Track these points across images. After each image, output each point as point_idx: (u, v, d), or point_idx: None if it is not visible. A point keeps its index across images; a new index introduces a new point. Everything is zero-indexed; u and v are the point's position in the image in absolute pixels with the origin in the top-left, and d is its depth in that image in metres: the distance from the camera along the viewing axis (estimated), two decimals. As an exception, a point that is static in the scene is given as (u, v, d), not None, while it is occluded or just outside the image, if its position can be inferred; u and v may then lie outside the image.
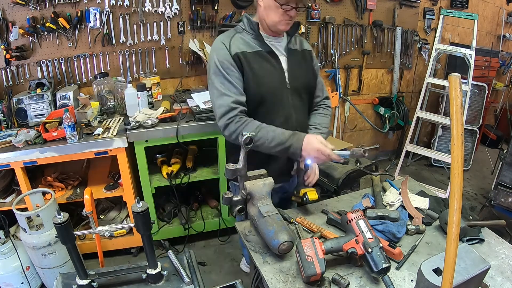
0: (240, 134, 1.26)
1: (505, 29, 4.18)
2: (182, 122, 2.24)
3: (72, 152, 2.07)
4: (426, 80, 3.42)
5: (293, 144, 1.38)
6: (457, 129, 0.75)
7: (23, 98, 2.30)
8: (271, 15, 1.44)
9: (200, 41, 2.80)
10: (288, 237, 1.15)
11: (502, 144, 4.06)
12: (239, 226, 1.38)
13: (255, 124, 1.43)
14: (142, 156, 2.27)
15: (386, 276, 1.05)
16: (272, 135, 1.40)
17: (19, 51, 2.38)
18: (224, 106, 1.42)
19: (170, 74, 2.86)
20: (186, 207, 2.70)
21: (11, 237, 2.08)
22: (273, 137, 1.40)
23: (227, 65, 1.43)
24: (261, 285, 1.26)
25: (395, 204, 1.45)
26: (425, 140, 4.30)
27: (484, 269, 0.88)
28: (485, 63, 3.76)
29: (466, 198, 3.45)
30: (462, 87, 0.79)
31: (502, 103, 4.40)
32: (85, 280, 1.28)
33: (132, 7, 2.53)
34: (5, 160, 2.00)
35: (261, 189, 1.27)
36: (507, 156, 2.70)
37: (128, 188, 2.29)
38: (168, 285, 1.35)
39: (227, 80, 1.43)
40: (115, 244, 2.48)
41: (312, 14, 3.03)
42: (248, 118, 1.45)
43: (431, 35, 3.69)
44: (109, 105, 2.47)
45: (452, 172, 0.77)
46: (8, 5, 2.33)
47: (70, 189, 2.41)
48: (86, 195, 1.64)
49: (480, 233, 1.30)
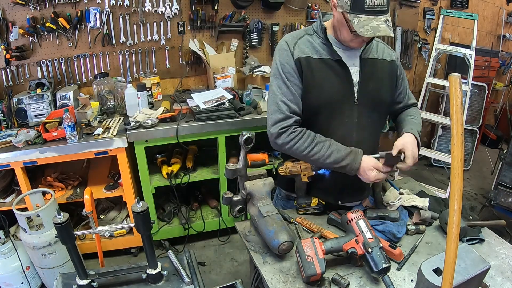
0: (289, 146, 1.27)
1: (505, 29, 4.17)
2: (182, 122, 2.24)
3: (72, 152, 2.07)
4: (426, 80, 3.42)
5: (349, 164, 1.28)
6: (457, 129, 0.75)
7: (23, 98, 2.30)
8: (342, 32, 1.27)
9: (200, 41, 2.80)
10: (288, 237, 1.15)
11: (502, 144, 4.05)
12: (239, 226, 1.38)
13: (311, 136, 1.31)
14: (142, 156, 2.27)
15: (386, 276, 1.05)
16: (328, 152, 1.29)
17: (19, 51, 2.38)
18: (279, 112, 1.31)
19: (170, 74, 2.86)
20: (186, 207, 2.70)
21: (11, 237, 2.08)
22: (329, 154, 1.29)
23: (288, 69, 1.31)
24: (261, 285, 1.26)
25: (395, 204, 1.45)
26: (425, 140, 4.30)
27: (484, 269, 0.88)
28: (485, 63, 3.76)
29: (466, 198, 3.45)
30: (462, 87, 0.79)
31: (502, 103, 4.39)
32: (85, 280, 1.28)
33: (132, 7, 2.53)
34: (5, 160, 2.00)
35: (261, 189, 1.27)
36: (507, 156, 2.70)
37: (128, 188, 2.29)
38: (168, 285, 1.35)
39: (285, 85, 1.32)
40: (115, 244, 2.48)
41: (312, 14, 3.03)
42: (304, 129, 1.32)
43: (431, 35, 3.68)
44: (109, 105, 2.47)
45: (452, 172, 0.77)
46: (8, 5, 2.33)
47: (70, 189, 2.41)
48: (86, 195, 1.64)
49: (480, 233, 1.30)
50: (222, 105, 2.35)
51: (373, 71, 1.37)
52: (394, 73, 1.44)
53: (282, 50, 1.34)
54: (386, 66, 1.41)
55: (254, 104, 2.45)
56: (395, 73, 1.45)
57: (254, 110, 2.43)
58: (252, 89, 2.56)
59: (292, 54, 1.32)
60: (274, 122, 1.32)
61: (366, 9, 1.15)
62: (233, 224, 1.66)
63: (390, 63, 1.42)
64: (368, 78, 1.36)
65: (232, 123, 2.31)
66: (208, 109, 2.29)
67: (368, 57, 1.37)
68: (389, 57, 1.43)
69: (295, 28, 3.02)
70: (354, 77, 1.35)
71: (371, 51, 1.39)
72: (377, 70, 1.39)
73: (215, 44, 2.87)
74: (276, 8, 2.90)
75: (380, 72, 1.39)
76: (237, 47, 2.93)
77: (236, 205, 1.31)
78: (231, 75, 2.72)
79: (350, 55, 1.35)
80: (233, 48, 2.92)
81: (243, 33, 2.91)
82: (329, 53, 1.33)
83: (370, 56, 1.38)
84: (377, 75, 1.38)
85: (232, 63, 2.74)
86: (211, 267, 2.50)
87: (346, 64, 1.33)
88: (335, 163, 1.29)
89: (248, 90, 2.57)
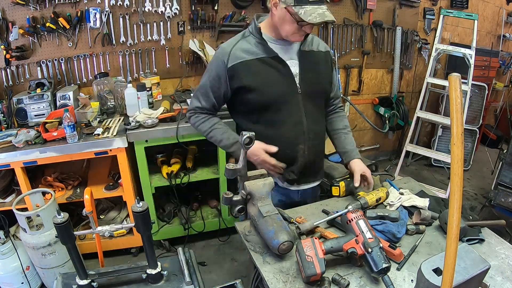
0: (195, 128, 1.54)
1: (505, 29, 4.17)
2: (182, 122, 2.24)
3: (72, 152, 2.07)
4: (426, 80, 3.42)
5: (235, 152, 1.46)
6: (457, 129, 0.75)
7: (23, 98, 2.30)
8: (285, 27, 1.37)
9: (200, 41, 2.80)
10: (288, 237, 1.15)
11: (502, 144, 4.05)
12: (239, 226, 1.38)
13: (210, 122, 1.53)
14: (142, 156, 2.26)
15: (386, 276, 1.05)
16: (219, 138, 1.52)
17: (19, 51, 2.38)
18: (193, 103, 1.55)
19: (170, 74, 2.86)
20: (186, 207, 2.70)
21: (11, 237, 2.08)
22: (220, 140, 1.52)
23: (214, 77, 1.46)
24: (261, 285, 1.26)
25: (395, 204, 1.45)
26: (425, 140, 4.30)
27: (484, 269, 0.88)
28: (485, 63, 3.76)
29: (466, 198, 3.45)
30: (462, 87, 0.79)
31: (502, 103, 4.39)
32: (85, 280, 1.28)
33: (132, 7, 2.53)
34: (5, 160, 2.00)
35: (261, 189, 1.27)
36: (507, 156, 2.70)
37: (128, 188, 2.29)
38: (168, 285, 1.35)
39: (205, 88, 1.50)
40: (115, 244, 2.48)
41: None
42: (208, 115, 1.55)
43: (431, 35, 3.69)
44: (109, 105, 2.46)
45: (452, 172, 0.77)
46: (8, 5, 2.33)
47: (70, 189, 2.41)
48: (86, 195, 1.64)
49: (480, 233, 1.30)
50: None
51: (311, 62, 1.51)
52: (329, 63, 1.59)
53: (218, 58, 1.46)
54: (322, 56, 1.55)
55: (254, 104, 2.45)
56: (330, 62, 1.59)
57: (254, 110, 2.42)
58: (252, 89, 2.56)
59: (226, 64, 1.42)
60: (189, 108, 1.58)
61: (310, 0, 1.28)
62: (233, 224, 1.66)
63: (325, 53, 1.57)
64: (307, 69, 1.49)
65: (232, 123, 2.30)
66: (208, 109, 2.29)
67: (306, 50, 1.50)
68: (324, 48, 1.57)
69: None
70: (293, 69, 1.46)
71: (307, 44, 1.51)
72: (315, 60, 1.53)
73: (215, 44, 2.87)
74: (276, 8, 2.90)
75: (318, 62, 1.54)
76: (237, 47, 2.92)
77: (236, 205, 1.31)
78: (231, 75, 2.72)
79: (286, 50, 1.47)
80: (233, 48, 2.91)
81: (243, 33, 2.91)
82: (265, 51, 1.44)
83: (307, 49, 1.51)
84: (316, 65, 1.53)
85: (232, 63, 2.73)
86: (211, 267, 2.50)
87: (283, 58, 1.44)
88: (226, 148, 1.52)
89: (248, 90, 2.56)
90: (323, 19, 1.28)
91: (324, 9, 1.30)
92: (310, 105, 1.50)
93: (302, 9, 1.28)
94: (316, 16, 1.28)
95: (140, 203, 1.22)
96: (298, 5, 1.28)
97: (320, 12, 1.28)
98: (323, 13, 1.29)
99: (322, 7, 1.30)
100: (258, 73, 1.42)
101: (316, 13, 1.28)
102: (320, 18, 1.28)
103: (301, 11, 1.28)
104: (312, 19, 1.27)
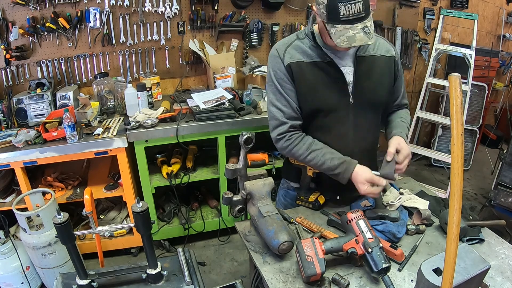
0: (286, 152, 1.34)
1: (505, 29, 4.17)
2: (182, 122, 2.24)
3: (72, 152, 2.08)
4: (426, 80, 3.42)
5: (341, 173, 1.30)
6: (457, 129, 0.75)
7: (23, 98, 2.30)
8: (326, 38, 1.26)
9: (200, 41, 2.80)
10: (288, 237, 1.15)
11: (502, 144, 4.05)
12: (239, 226, 1.38)
13: (307, 143, 1.34)
14: (142, 156, 2.27)
15: (386, 276, 1.05)
16: (322, 160, 1.32)
17: (19, 51, 2.38)
18: (275, 119, 1.36)
19: (170, 74, 2.86)
20: (186, 207, 2.70)
21: (11, 237, 2.08)
22: (323, 162, 1.32)
23: (280, 75, 1.34)
24: (261, 285, 1.26)
25: (395, 204, 1.45)
26: (425, 140, 4.30)
27: (484, 269, 0.88)
28: (485, 63, 3.75)
29: (466, 198, 3.45)
30: (462, 87, 0.79)
31: (502, 103, 4.39)
32: (85, 280, 1.28)
33: (132, 7, 2.53)
34: (5, 160, 2.00)
35: (261, 189, 1.27)
36: (507, 156, 2.70)
37: (128, 188, 2.29)
38: (168, 285, 1.35)
39: (278, 91, 1.34)
40: (115, 244, 2.48)
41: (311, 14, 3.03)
42: (300, 135, 1.36)
43: (431, 35, 3.68)
44: (109, 105, 2.47)
45: (452, 172, 0.77)
46: (8, 5, 2.33)
47: (70, 189, 2.41)
48: (86, 195, 1.64)
49: (480, 233, 1.30)
50: (222, 105, 2.35)
51: (369, 70, 1.35)
52: (392, 69, 1.41)
53: (273, 57, 1.37)
54: (384, 62, 1.38)
55: (254, 104, 2.45)
56: (393, 69, 1.42)
57: (254, 110, 2.43)
58: (252, 89, 2.56)
59: (282, 60, 1.33)
60: (272, 128, 1.39)
61: (341, 19, 1.12)
62: (233, 224, 1.66)
63: (389, 58, 1.39)
64: (363, 77, 1.34)
65: (232, 123, 2.31)
66: (208, 109, 2.29)
67: (364, 55, 1.35)
68: (388, 52, 1.39)
69: (295, 28, 3.03)
70: (348, 77, 1.34)
71: (367, 49, 1.36)
72: (375, 68, 1.36)
73: (215, 44, 2.87)
74: (276, 8, 2.90)
75: (377, 69, 1.37)
76: (237, 47, 2.93)
77: (236, 205, 1.31)
78: (231, 75, 2.72)
79: (341, 55, 1.34)
80: (233, 48, 2.92)
81: (243, 33, 2.91)
82: (319, 56, 1.33)
83: (367, 54, 1.35)
84: (374, 73, 1.36)
85: (232, 63, 2.74)
86: (211, 267, 2.50)
87: (338, 65, 1.32)
88: (329, 171, 1.33)
89: (248, 90, 2.57)
90: (350, 43, 1.14)
91: (357, 29, 1.13)
92: (361, 117, 1.37)
93: (333, 28, 1.15)
94: (344, 39, 1.14)
95: (140, 203, 1.22)
96: (329, 23, 1.16)
97: (350, 35, 1.13)
98: (353, 36, 1.13)
99: (355, 27, 1.13)
100: (312, 77, 1.33)
101: (345, 35, 1.13)
102: (347, 43, 1.14)
103: (332, 30, 1.15)
104: (340, 43, 1.15)
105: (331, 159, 1.31)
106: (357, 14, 1.12)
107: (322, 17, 1.18)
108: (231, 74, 2.72)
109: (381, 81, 1.39)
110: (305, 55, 1.33)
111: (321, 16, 1.18)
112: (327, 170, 1.33)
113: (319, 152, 1.33)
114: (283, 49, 1.35)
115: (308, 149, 1.33)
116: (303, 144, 1.34)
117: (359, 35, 1.14)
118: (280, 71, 1.34)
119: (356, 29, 1.13)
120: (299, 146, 1.34)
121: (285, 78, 1.33)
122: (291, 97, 1.34)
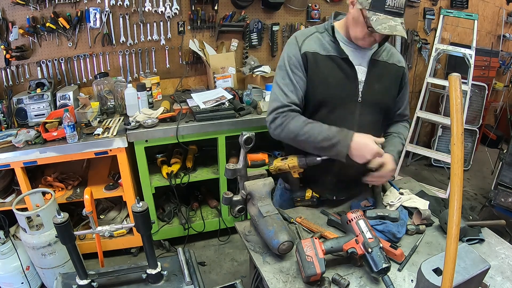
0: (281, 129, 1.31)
1: (505, 29, 4.17)
2: (182, 122, 2.24)
3: (72, 152, 2.08)
4: (426, 80, 3.42)
5: (340, 141, 1.27)
6: (457, 129, 0.75)
7: (23, 98, 2.30)
8: (356, 28, 1.29)
9: (200, 41, 2.80)
10: (288, 237, 1.15)
11: (502, 144, 4.05)
12: (239, 226, 1.38)
13: (303, 118, 1.34)
14: (142, 156, 2.27)
15: (386, 276, 1.05)
16: (318, 130, 1.30)
17: (19, 51, 2.38)
18: (278, 101, 1.36)
19: (170, 74, 2.86)
20: (186, 207, 2.71)
21: (11, 237, 2.08)
22: (319, 132, 1.30)
23: (293, 61, 1.35)
24: (261, 285, 1.26)
25: (395, 204, 1.45)
26: (425, 140, 4.30)
27: (484, 269, 0.88)
28: (485, 63, 3.75)
29: (466, 198, 3.45)
30: (462, 87, 0.79)
31: (502, 103, 4.39)
32: (85, 280, 1.28)
33: (132, 7, 2.53)
34: (5, 160, 2.00)
35: (261, 189, 1.27)
36: (507, 156, 2.70)
37: (128, 188, 2.29)
38: (168, 285, 1.35)
39: (288, 76, 1.36)
40: (115, 244, 2.48)
41: (312, 14, 3.03)
42: (298, 113, 1.36)
43: (431, 35, 3.68)
44: (109, 105, 2.47)
45: (452, 172, 0.77)
46: (8, 5, 2.33)
47: (70, 189, 2.41)
48: (86, 195, 1.64)
49: (480, 233, 1.30)
50: (222, 105, 2.35)
51: (381, 74, 1.40)
52: (399, 79, 1.47)
53: (290, 44, 1.39)
54: (394, 70, 1.44)
55: (254, 104, 2.45)
56: (400, 79, 1.48)
57: (254, 110, 2.43)
58: (252, 89, 2.56)
59: (299, 48, 1.35)
60: (271, 110, 1.37)
61: (386, 8, 1.20)
62: (233, 224, 1.66)
63: (398, 68, 1.46)
64: (374, 79, 1.39)
65: (232, 123, 2.31)
66: (208, 109, 2.29)
67: (378, 59, 1.40)
68: (399, 63, 1.46)
69: (295, 28, 3.03)
70: (360, 76, 1.37)
71: (381, 54, 1.42)
72: (386, 73, 1.42)
73: (215, 44, 2.87)
74: (276, 8, 2.90)
75: (388, 75, 1.43)
76: (237, 47, 2.93)
77: (236, 205, 1.31)
78: (231, 75, 2.72)
79: (358, 55, 1.38)
80: (233, 48, 2.92)
81: (243, 33, 2.91)
82: (336, 51, 1.36)
83: (380, 59, 1.41)
84: (385, 78, 1.42)
85: (232, 63, 2.74)
86: (211, 267, 2.50)
87: (353, 62, 1.35)
88: (326, 140, 1.29)
89: (248, 90, 2.57)
90: (392, 31, 1.20)
91: (398, 22, 1.21)
92: (366, 117, 1.40)
93: (375, 15, 1.21)
94: (386, 27, 1.20)
95: (140, 203, 1.22)
96: (372, 11, 1.21)
97: (392, 25, 1.20)
98: (395, 26, 1.20)
99: (396, 20, 1.21)
100: (325, 70, 1.35)
101: (388, 24, 1.20)
102: (389, 30, 1.20)
103: (374, 17, 1.21)
104: (381, 29, 1.20)
105: (329, 128, 1.31)
106: (399, 9, 1.21)
107: (364, 5, 1.22)
108: (231, 74, 2.72)
109: (390, 87, 1.45)
110: (322, 48, 1.36)
111: (362, 4, 1.23)
112: (324, 140, 1.29)
113: (316, 124, 1.33)
114: (302, 38, 1.37)
115: (305, 121, 1.33)
116: (299, 118, 1.34)
117: (399, 27, 1.21)
118: (295, 58, 1.35)
119: (397, 21, 1.21)
120: (295, 119, 1.34)
121: (298, 65, 1.35)
122: (299, 84, 1.36)
